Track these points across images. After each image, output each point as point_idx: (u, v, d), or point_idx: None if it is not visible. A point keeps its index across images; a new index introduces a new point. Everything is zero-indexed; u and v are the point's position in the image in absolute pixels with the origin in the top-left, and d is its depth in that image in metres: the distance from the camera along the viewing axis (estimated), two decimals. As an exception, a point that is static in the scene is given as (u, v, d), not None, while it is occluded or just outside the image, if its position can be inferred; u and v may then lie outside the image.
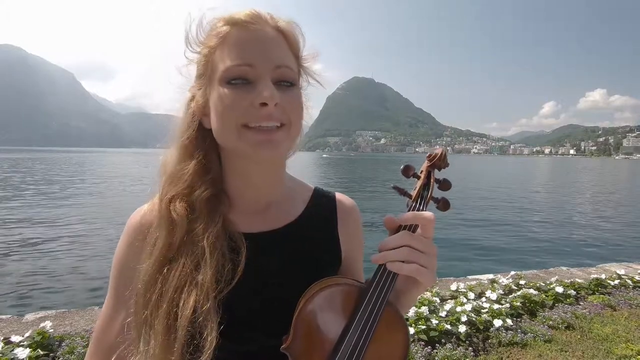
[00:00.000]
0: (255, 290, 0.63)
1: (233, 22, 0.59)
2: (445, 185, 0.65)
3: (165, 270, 0.58)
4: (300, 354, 0.58)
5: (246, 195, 0.68)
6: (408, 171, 0.65)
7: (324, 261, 0.70)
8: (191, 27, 0.61)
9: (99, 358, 0.65)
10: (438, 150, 0.67)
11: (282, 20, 0.63)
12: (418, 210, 0.61)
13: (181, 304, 0.55)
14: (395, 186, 0.64)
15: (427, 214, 0.58)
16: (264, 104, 0.55)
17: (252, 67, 0.57)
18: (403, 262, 0.56)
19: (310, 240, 0.70)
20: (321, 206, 0.75)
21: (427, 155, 0.67)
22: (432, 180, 0.65)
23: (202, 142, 0.65)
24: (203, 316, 0.55)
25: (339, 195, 0.78)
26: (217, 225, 0.61)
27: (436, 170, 0.67)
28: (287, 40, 0.62)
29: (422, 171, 0.67)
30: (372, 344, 0.56)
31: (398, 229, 0.59)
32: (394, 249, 0.56)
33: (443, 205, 0.63)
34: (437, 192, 0.65)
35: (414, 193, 0.64)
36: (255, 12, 0.60)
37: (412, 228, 0.58)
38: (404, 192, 0.64)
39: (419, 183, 0.65)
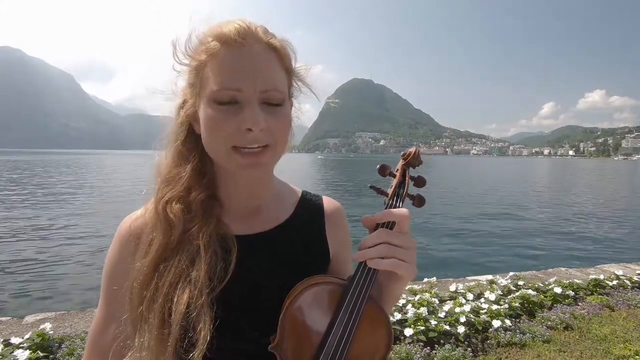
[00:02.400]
0: (245, 291, 0.65)
1: (223, 40, 0.58)
2: (420, 182, 0.67)
3: (161, 267, 0.60)
4: (287, 353, 0.60)
5: (236, 199, 0.70)
6: (384, 170, 0.67)
7: (312, 263, 0.72)
8: (179, 40, 0.62)
9: None
10: (412, 149, 0.68)
11: (275, 37, 0.62)
12: (394, 207, 0.63)
13: (175, 299, 0.57)
14: (372, 186, 0.66)
15: (402, 210, 0.61)
16: (250, 130, 0.57)
17: (240, 91, 0.57)
18: (382, 258, 0.58)
19: (298, 242, 0.72)
20: (309, 209, 0.77)
21: (402, 154, 0.69)
22: (407, 178, 0.67)
23: (196, 146, 0.66)
24: (196, 311, 0.56)
25: (325, 199, 0.81)
26: (211, 226, 0.63)
27: (411, 169, 0.69)
28: (278, 55, 0.62)
29: (397, 170, 0.69)
30: (355, 340, 0.58)
31: (376, 227, 0.61)
32: (372, 246, 0.58)
33: (418, 201, 0.66)
34: (413, 190, 0.67)
35: (390, 191, 0.66)
36: (245, 26, 0.59)
37: (390, 225, 0.60)
38: (381, 191, 0.66)
39: (395, 182, 0.67)
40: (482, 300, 3.77)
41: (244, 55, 0.58)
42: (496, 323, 3.20)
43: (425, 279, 4.37)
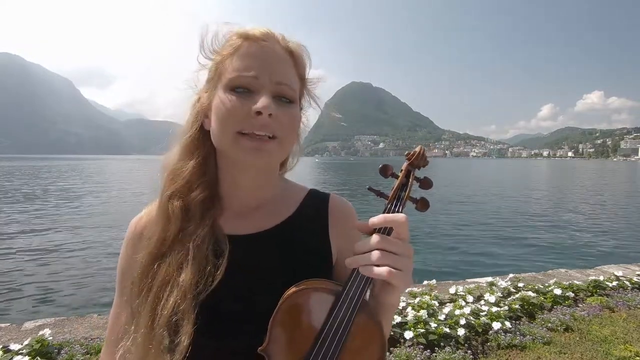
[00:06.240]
0: (238, 292, 0.64)
1: (246, 37, 0.64)
2: (425, 183, 0.63)
3: (155, 265, 0.63)
4: (276, 357, 0.58)
5: (235, 197, 0.70)
6: (386, 171, 0.62)
7: (312, 262, 0.69)
8: (207, 36, 0.67)
9: (109, 352, 0.70)
10: (417, 148, 0.64)
11: (293, 42, 0.68)
12: (394, 211, 0.59)
13: (162, 303, 0.59)
14: (370, 187, 0.62)
15: (399, 215, 0.56)
16: (259, 113, 0.59)
17: (256, 78, 0.61)
18: (376, 265, 0.54)
19: (299, 241, 0.70)
20: (313, 207, 0.75)
21: (406, 154, 0.65)
22: (410, 180, 0.63)
23: (203, 143, 0.68)
24: (179, 315, 0.58)
25: (333, 196, 0.77)
26: (206, 228, 0.64)
27: (416, 170, 0.65)
28: (294, 60, 0.67)
29: (401, 170, 0.64)
30: (344, 351, 0.55)
31: (373, 232, 0.57)
32: (366, 252, 0.55)
33: (422, 205, 0.61)
34: (419, 192, 0.63)
35: (390, 194, 0.62)
36: (269, 30, 0.65)
37: (387, 230, 0.56)
38: (380, 194, 0.62)
39: (396, 183, 0.62)
40: (482, 302, 3.76)
41: (264, 49, 0.63)
42: (496, 325, 3.20)
43: (425, 282, 4.36)
